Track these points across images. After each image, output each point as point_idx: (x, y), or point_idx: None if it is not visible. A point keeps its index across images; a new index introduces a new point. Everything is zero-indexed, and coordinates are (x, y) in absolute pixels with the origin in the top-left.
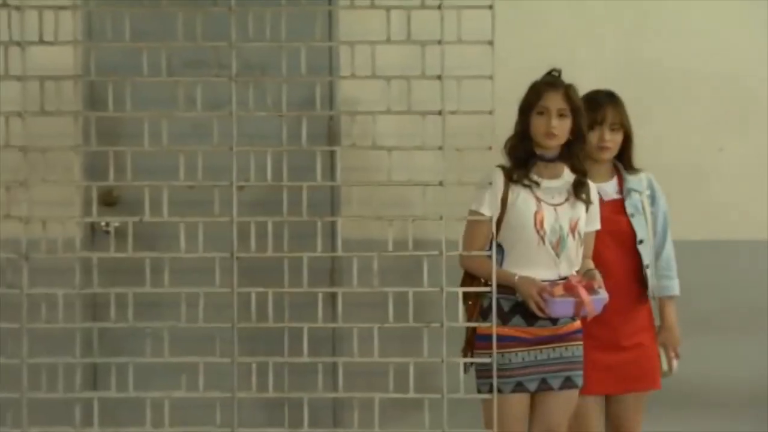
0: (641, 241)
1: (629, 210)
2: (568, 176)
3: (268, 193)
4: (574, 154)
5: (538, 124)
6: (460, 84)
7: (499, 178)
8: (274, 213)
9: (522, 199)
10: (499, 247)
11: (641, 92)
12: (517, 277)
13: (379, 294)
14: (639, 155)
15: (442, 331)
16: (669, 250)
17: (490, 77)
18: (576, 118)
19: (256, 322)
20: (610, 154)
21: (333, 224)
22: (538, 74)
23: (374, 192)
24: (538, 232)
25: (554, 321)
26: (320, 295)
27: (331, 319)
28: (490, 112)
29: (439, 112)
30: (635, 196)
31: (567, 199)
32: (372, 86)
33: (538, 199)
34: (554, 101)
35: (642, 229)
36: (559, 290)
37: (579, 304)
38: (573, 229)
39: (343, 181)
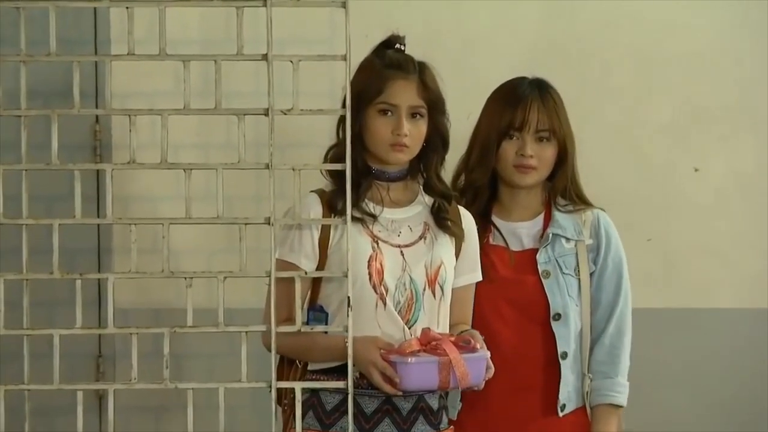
0: (557, 317)
1: (542, 266)
2: (423, 201)
3: None
4: (431, 166)
5: (380, 128)
6: (297, 68)
7: (316, 208)
8: (9, 266)
9: (350, 238)
10: (321, 311)
11: (568, 82)
12: (346, 340)
13: (172, 393)
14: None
15: None
16: (615, 334)
17: (344, 58)
18: (434, 116)
19: None
20: (534, 178)
21: (100, 284)
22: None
23: (165, 235)
24: (374, 288)
25: (405, 426)
26: (80, 395)
27: (97, 430)
28: (344, 112)
29: (266, 112)
30: (562, 245)
31: (422, 237)
32: (161, 72)
33: (375, 238)
34: (405, 95)
35: (560, 297)
36: (412, 345)
37: (445, 366)
38: (432, 281)
39: (117, 218)
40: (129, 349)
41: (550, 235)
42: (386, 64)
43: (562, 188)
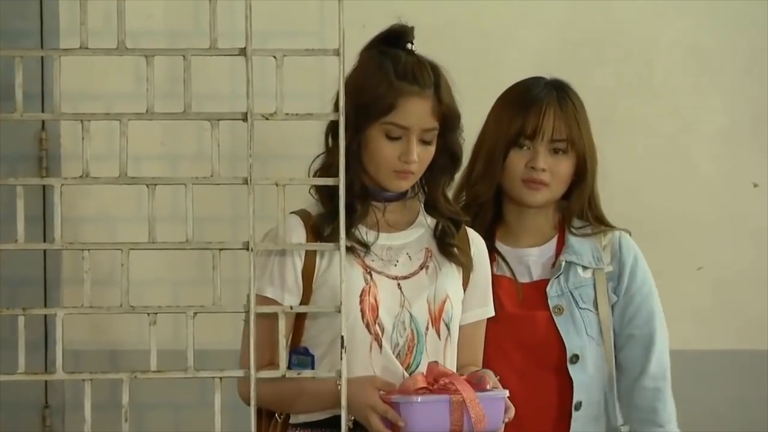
0: (575, 359)
1: (553, 301)
2: (425, 222)
3: None
4: (437, 187)
5: (385, 151)
6: (281, 65)
7: (298, 233)
8: None
9: (338, 269)
10: (305, 354)
11: (602, 82)
12: (338, 383)
13: None
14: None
15: None
16: (658, 375)
17: (337, 53)
18: (445, 133)
19: None
20: (545, 196)
21: (47, 321)
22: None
23: (124, 262)
24: (368, 327)
25: None
26: None
27: None
28: (337, 117)
29: (245, 117)
30: (577, 274)
31: (423, 266)
32: (119, 70)
33: (368, 269)
34: (419, 116)
35: (577, 336)
36: (417, 382)
37: (458, 406)
38: (437, 319)
39: (67, 243)
40: (81, 399)
41: (563, 263)
42: (399, 74)
43: (579, 210)
